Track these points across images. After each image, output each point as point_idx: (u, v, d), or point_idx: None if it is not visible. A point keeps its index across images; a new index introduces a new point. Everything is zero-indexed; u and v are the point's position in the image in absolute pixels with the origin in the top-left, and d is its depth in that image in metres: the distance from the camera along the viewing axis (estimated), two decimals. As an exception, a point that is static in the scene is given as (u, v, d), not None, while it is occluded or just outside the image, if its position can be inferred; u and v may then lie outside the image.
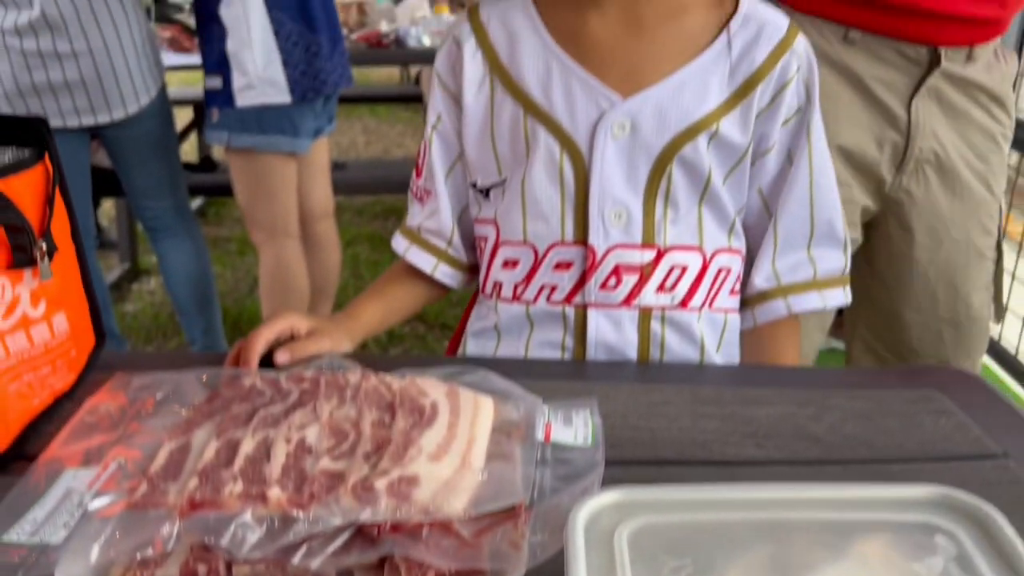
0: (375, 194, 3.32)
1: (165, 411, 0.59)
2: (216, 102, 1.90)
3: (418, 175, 0.86)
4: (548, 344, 0.80)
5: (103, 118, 1.85)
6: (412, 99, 3.72)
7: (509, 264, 0.80)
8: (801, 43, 0.77)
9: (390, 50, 2.61)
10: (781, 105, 0.76)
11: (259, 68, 1.85)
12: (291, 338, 0.74)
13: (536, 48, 0.77)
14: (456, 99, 0.81)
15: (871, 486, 0.48)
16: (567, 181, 0.76)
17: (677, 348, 0.79)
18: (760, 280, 0.81)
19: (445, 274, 0.86)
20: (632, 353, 0.79)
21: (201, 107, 2.64)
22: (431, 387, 0.58)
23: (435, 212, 0.84)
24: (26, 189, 0.64)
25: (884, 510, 0.45)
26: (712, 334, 0.80)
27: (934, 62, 1.04)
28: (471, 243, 0.86)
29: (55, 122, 1.82)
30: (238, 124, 1.89)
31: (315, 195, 2.17)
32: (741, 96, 0.75)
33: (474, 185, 0.83)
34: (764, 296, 0.81)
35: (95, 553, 0.45)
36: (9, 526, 0.49)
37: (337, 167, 2.41)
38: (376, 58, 2.67)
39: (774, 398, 0.68)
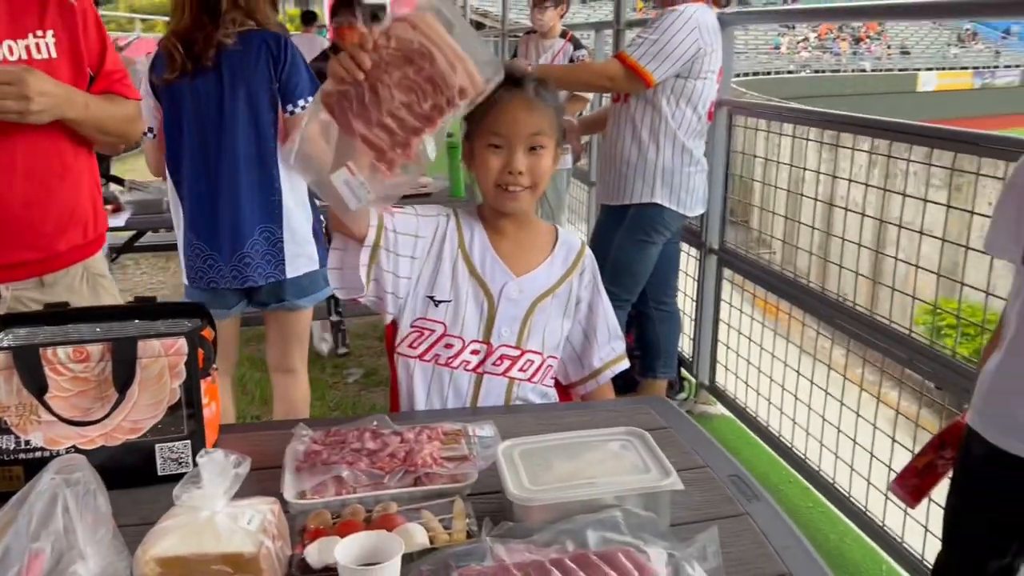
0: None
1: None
2: None
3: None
4: (457, 394, 1.54)
5: None
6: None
7: (449, 347, 1.53)
8: (588, 251, 1.62)
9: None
10: (584, 280, 1.60)
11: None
12: None
13: (481, 244, 1.55)
14: (440, 250, 1.53)
15: (611, 430, 1.23)
16: (484, 312, 1.53)
17: (521, 401, 1.55)
18: (595, 362, 1.62)
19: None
20: (501, 402, 1.54)
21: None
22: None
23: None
24: (209, 336, 1.29)
25: (614, 436, 1.21)
26: (535, 397, 1.58)
27: None
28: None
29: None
30: None
31: None
32: (564, 279, 1.58)
33: (431, 297, 1.53)
34: (597, 372, 1.63)
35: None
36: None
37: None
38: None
39: (568, 416, 1.43)
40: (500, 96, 1.45)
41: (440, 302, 1.54)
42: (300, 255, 2.45)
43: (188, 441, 1.24)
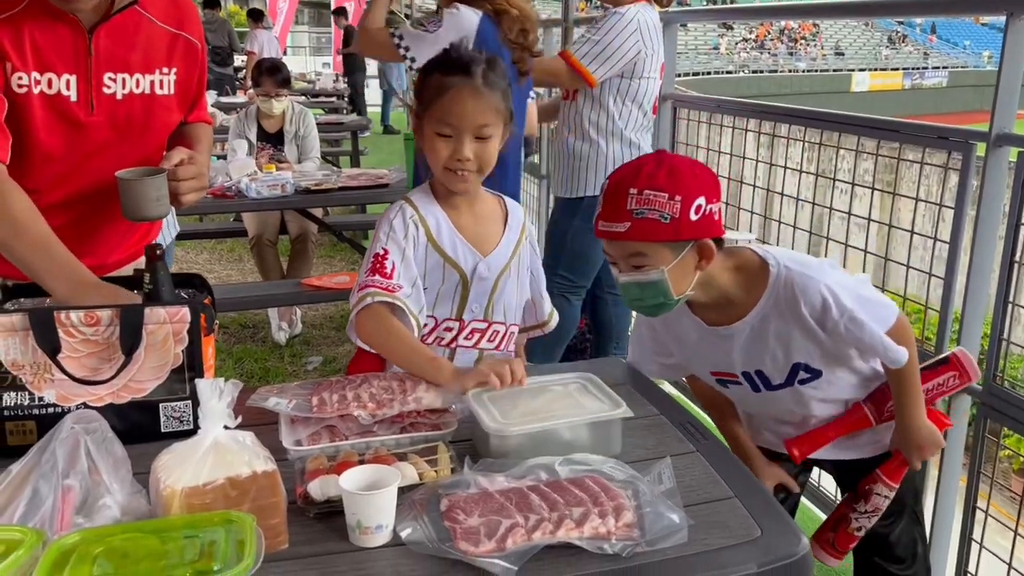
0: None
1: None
2: None
3: (385, 275, 1.52)
4: None
5: None
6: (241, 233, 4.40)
7: (424, 326, 1.60)
8: (526, 217, 1.71)
9: (235, 200, 3.35)
10: (528, 247, 1.69)
11: None
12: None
13: (448, 229, 1.60)
14: (407, 247, 1.55)
15: (566, 375, 1.38)
16: (458, 293, 1.61)
17: None
18: (543, 315, 1.77)
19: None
20: None
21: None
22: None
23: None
24: (209, 303, 1.40)
25: (569, 379, 1.36)
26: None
27: None
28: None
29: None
30: None
31: None
32: (516, 249, 1.66)
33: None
34: (544, 323, 1.78)
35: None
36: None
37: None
38: (225, 208, 3.38)
39: (530, 373, 1.58)
40: (449, 85, 1.52)
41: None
42: None
43: (189, 402, 1.34)
